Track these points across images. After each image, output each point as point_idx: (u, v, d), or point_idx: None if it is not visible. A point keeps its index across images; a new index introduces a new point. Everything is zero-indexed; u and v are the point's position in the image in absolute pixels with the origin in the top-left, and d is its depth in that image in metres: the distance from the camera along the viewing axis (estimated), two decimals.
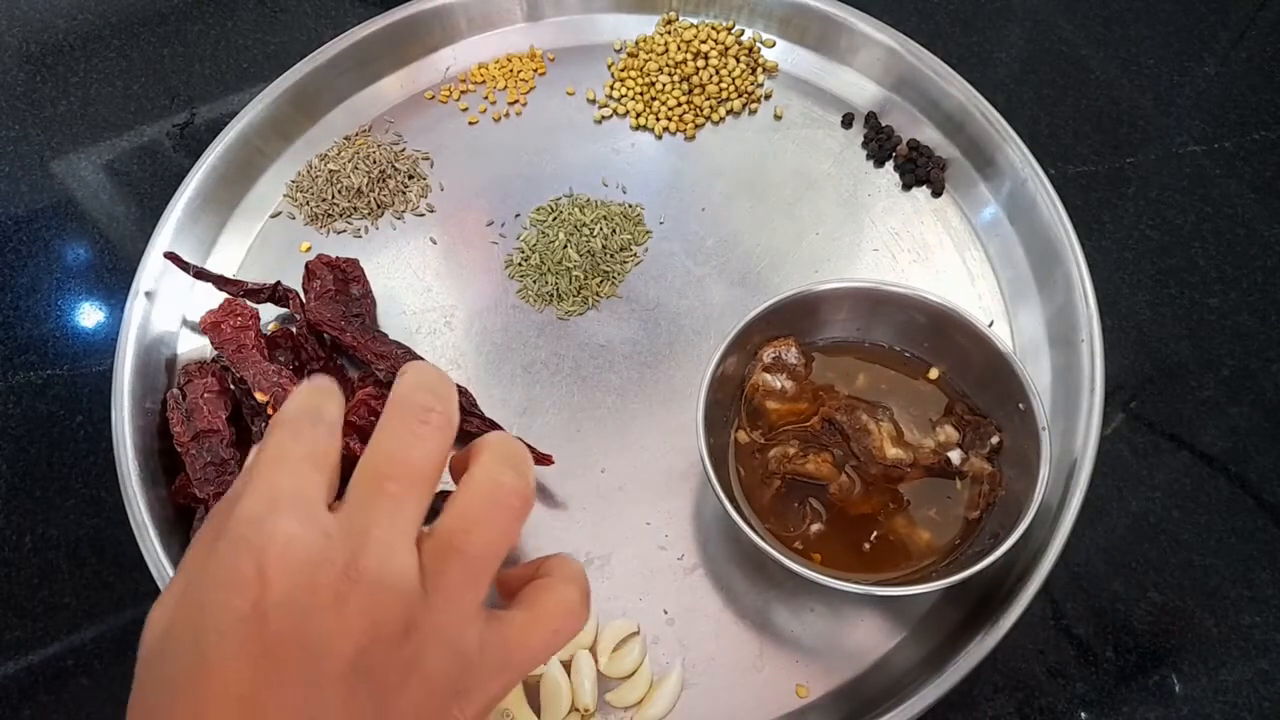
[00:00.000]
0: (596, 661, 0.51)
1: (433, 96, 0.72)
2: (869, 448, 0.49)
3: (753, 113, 0.71)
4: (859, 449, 0.50)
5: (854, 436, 0.50)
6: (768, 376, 0.52)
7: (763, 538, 0.47)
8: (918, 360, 0.53)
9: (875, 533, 0.49)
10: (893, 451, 0.49)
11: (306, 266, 0.62)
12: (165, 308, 0.62)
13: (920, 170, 0.66)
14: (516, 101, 0.72)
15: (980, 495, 0.49)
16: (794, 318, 0.52)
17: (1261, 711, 0.50)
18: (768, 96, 0.71)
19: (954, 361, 0.52)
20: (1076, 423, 0.54)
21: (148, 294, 0.61)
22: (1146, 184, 0.68)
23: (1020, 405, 0.48)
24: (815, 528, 0.50)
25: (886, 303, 0.52)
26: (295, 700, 0.24)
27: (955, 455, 0.50)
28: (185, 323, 0.62)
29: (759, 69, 0.72)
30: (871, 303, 0.53)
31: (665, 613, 0.53)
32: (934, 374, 0.53)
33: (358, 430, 0.54)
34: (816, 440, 0.51)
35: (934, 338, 0.52)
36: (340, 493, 0.28)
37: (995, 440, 0.50)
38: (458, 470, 0.32)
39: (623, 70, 0.72)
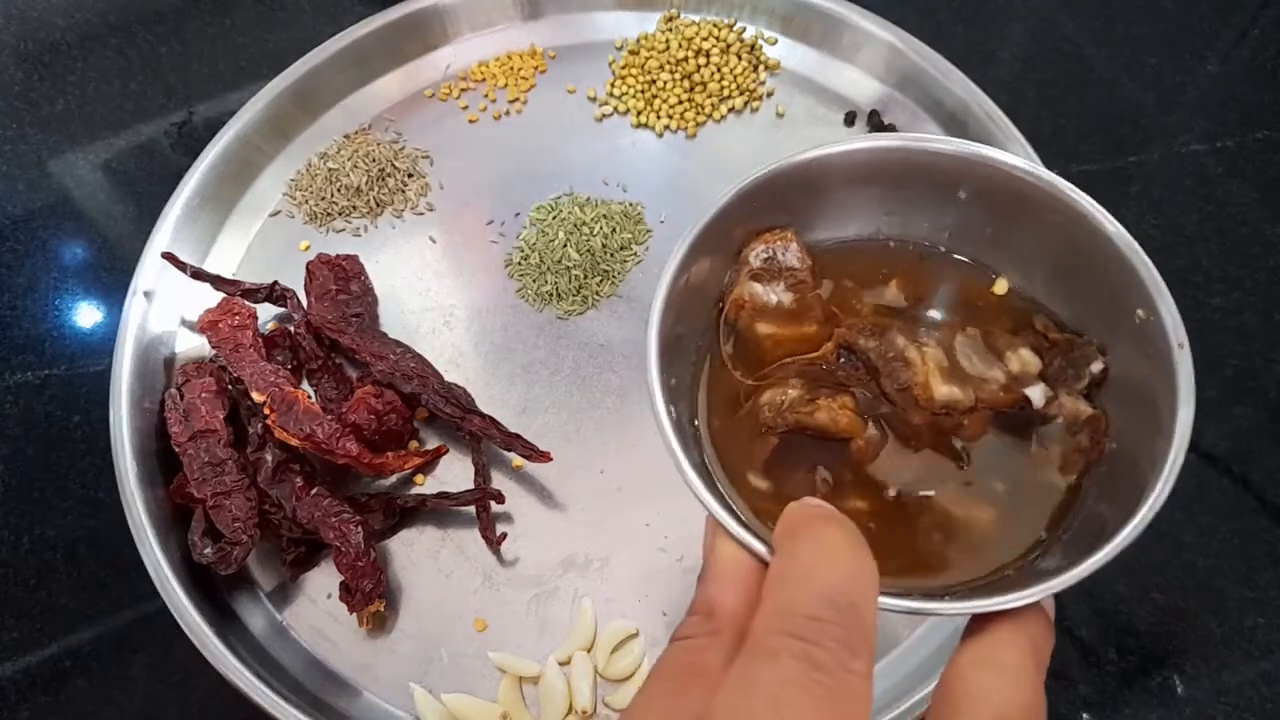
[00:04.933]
0: (595, 663, 0.51)
1: (433, 94, 0.72)
2: (909, 385, 0.34)
3: (754, 110, 0.70)
4: (893, 388, 0.34)
5: (885, 370, 0.34)
6: (757, 287, 0.36)
7: (749, 528, 0.29)
8: (975, 261, 0.37)
9: (921, 516, 0.33)
10: (943, 390, 0.34)
11: (307, 267, 0.61)
12: (163, 307, 0.61)
13: None
14: (517, 100, 0.71)
15: (1077, 451, 0.34)
16: (794, 200, 0.36)
17: (1264, 713, 0.50)
18: (770, 94, 0.71)
19: (1030, 256, 0.36)
20: None
21: (146, 293, 0.61)
22: (1149, 183, 0.68)
23: (1140, 314, 0.32)
24: None
25: (925, 172, 0.35)
26: None
27: (1037, 392, 0.34)
28: (183, 322, 0.62)
29: (761, 66, 0.71)
30: (904, 172, 0.36)
31: (664, 615, 0.52)
32: (1001, 287, 0.36)
33: (355, 430, 0.54)
34: (830, 378, 0.35)
35: (1000, 221, 0.35)
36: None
37: (1097, 368, 0.34)
38: None
39: (624, 68, 0.72)
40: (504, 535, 0.54)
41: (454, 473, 0.57)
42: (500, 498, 0.54)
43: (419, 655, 0.52)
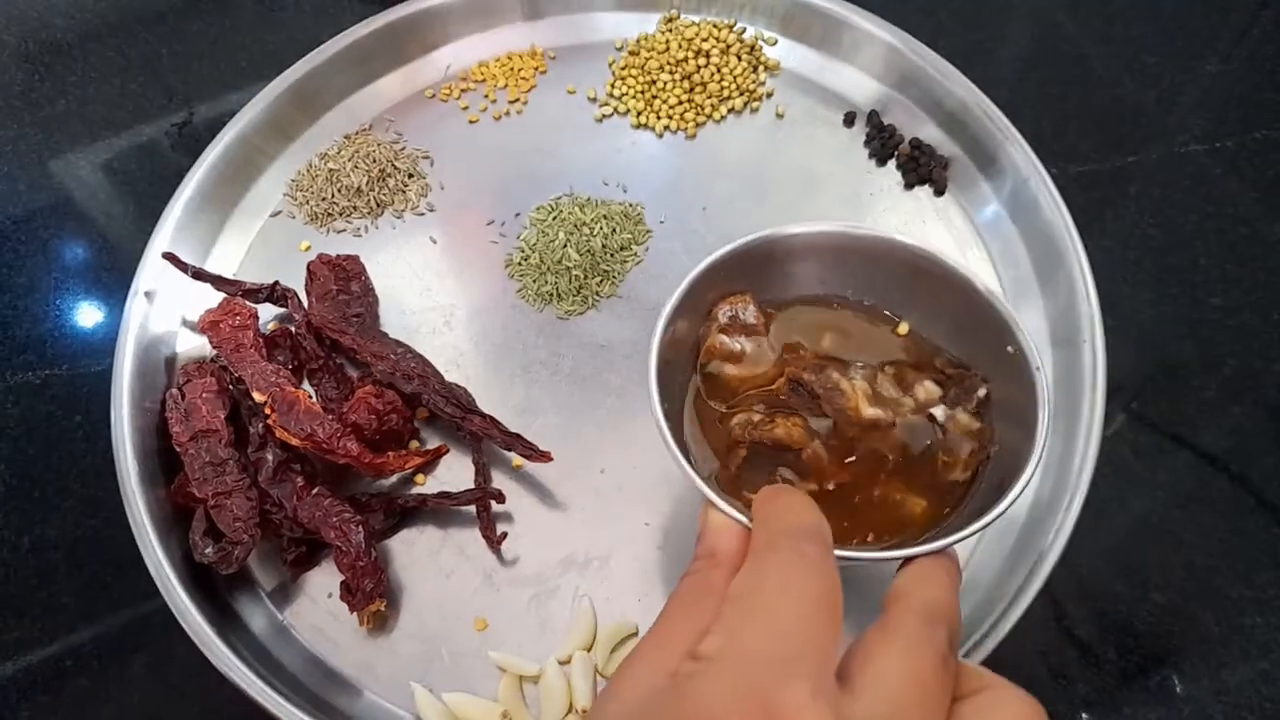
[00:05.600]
0: (595, 662, 0.51)
1: (433, 95, 0.72)
2: (843, 408, 0.44)
3: (754, 111, 0.70)
4: (831, 410, 0.45)
5: (825, 397, 0.45)
6: (724, 338, 0.47)
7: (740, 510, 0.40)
8: (889, 313, 0.49)
9: (858, 503, 0.44)
10: (869, 411, 0.44)
11: (308, 268, 0.61)
12: (164, 307, 0.62)
13: (922, 169, 0.66)
14: (517, 100, 0.71)
15: (971, 455, 0.44)
16: (751, 270, 0.48)
17: (1263, 712, 0.50)
18: (769, 95, 0.71)
19: (930, 311, 0.47)
20: (1078, 423, 0.53)
21: (147, 294, 0.61)
22: (1149, 183, 0.68)
23: (1009, 348, 0.43)
24: None
25: (852, 250, 0.47)
26: None
27: (939, 412, 0.45)
28: (184, 322, 0.62)
29: (761, 67, 0.71)
30: (838, 251, 0.48)
31: None
32: (904, 329, 0.48)
33: (356, 430, 0.54)
34: (784, 404, 0.46)
35: (907, 287, 0.47)
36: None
37: (982, 393, 0.45)
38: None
39: (624, 68, 0.72)
40: (504, 535, 0.54)
41: (454, 472, 0.57)
42: (501, 497, 0.54)
43: (420, 654, 0.52)
